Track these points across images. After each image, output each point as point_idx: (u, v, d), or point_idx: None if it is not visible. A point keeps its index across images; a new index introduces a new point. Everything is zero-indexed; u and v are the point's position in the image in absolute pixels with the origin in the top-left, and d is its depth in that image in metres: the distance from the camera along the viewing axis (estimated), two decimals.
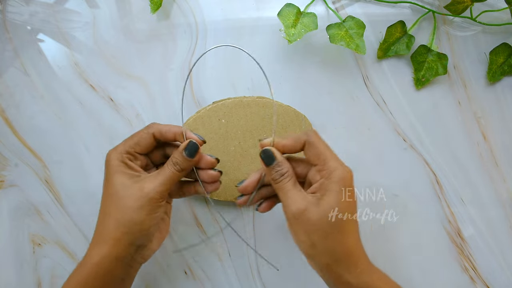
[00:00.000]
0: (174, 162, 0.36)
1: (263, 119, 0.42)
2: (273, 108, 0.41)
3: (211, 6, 0.51)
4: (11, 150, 0.48)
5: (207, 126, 0.41)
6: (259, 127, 0.42)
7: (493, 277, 0.47)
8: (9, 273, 0.46)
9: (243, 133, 0.42)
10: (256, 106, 0.42)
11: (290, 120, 0.43)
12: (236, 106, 0.42)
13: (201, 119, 0.41)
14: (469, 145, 0.49)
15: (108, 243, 0.34)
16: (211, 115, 0.41)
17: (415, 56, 0.49)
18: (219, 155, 0.42)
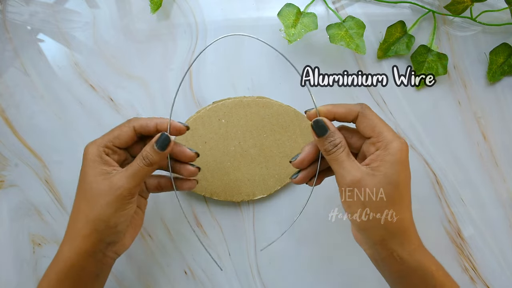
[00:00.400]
0: (144, 156, 0.35)
1: (263, 119, 0.42)
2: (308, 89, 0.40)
3: (211, 6, 0.51)
4: (11, 150, 0.48)
5: (207, 126, 0.41)
6: (259, 127, 0.42)
7: (493, 277, 0.47)
8: (9, 273, 0.46)
9: (243, 133, 0.42)
10: (256, 106, 0.42)
11: (290, 120, 0.43)
12: (236, 106, 0.42)
13: (201, 119, 0.41)
14: (469, 145, 0.49)
15: (77, 240, 0.34)
16: (211, 115, 0.41)
17: (415, 56, 0.49)
18: (219, 155, 0.42)
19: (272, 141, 0.42)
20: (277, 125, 0.42)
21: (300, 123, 0.43)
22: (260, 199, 0.48)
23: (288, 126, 0.42)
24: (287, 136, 0.42)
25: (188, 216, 0.47)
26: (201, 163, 0.41)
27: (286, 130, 0.42)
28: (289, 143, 0.42)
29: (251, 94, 0.49)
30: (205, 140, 0.41)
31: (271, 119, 0.42)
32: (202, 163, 0.41)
